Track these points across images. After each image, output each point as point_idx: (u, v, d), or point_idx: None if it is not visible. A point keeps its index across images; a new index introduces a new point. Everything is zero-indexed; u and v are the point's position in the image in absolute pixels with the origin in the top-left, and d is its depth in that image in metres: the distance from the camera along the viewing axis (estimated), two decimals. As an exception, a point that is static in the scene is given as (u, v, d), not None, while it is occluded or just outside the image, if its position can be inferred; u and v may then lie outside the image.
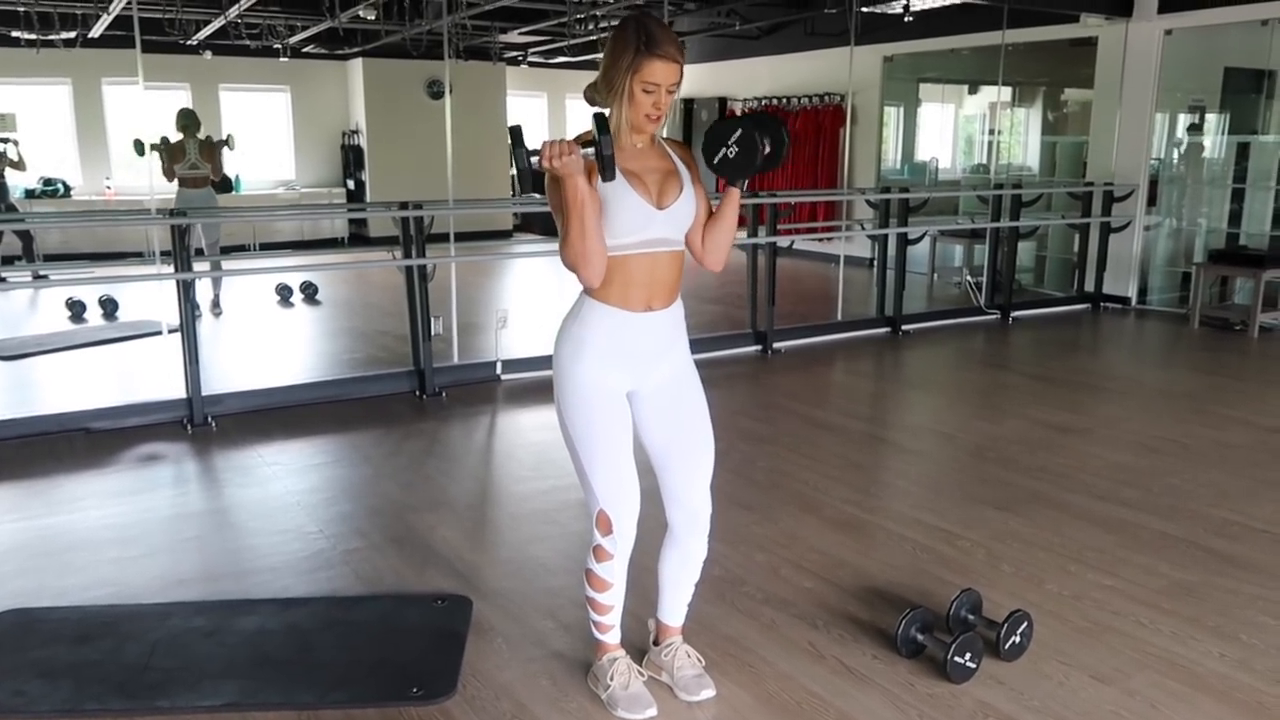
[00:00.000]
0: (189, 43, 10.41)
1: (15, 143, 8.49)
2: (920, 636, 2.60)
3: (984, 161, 10.52)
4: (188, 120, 7.52)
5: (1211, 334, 7.14)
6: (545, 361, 5.80)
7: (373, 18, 8.48)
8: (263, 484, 3.99)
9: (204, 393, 4.85)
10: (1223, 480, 4.03)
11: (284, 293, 8.37)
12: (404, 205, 5.33)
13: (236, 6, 8.31)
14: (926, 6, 8.88)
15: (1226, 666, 2.59)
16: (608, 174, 2.00)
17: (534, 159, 2.02)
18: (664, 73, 2.05)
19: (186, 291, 4.73)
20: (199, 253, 7.59)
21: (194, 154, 7.43)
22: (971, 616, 2.71)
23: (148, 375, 5.52)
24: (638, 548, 2.37)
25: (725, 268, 2.44)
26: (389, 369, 5.63)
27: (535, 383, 5.64)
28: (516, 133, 2.07)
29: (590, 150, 2.01)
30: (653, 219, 2.13)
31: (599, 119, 1.99)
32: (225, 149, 7.70)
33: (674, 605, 2.49)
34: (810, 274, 9.09)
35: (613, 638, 2.44)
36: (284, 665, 2.53)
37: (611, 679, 2.39)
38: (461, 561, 3.22)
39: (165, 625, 2.72)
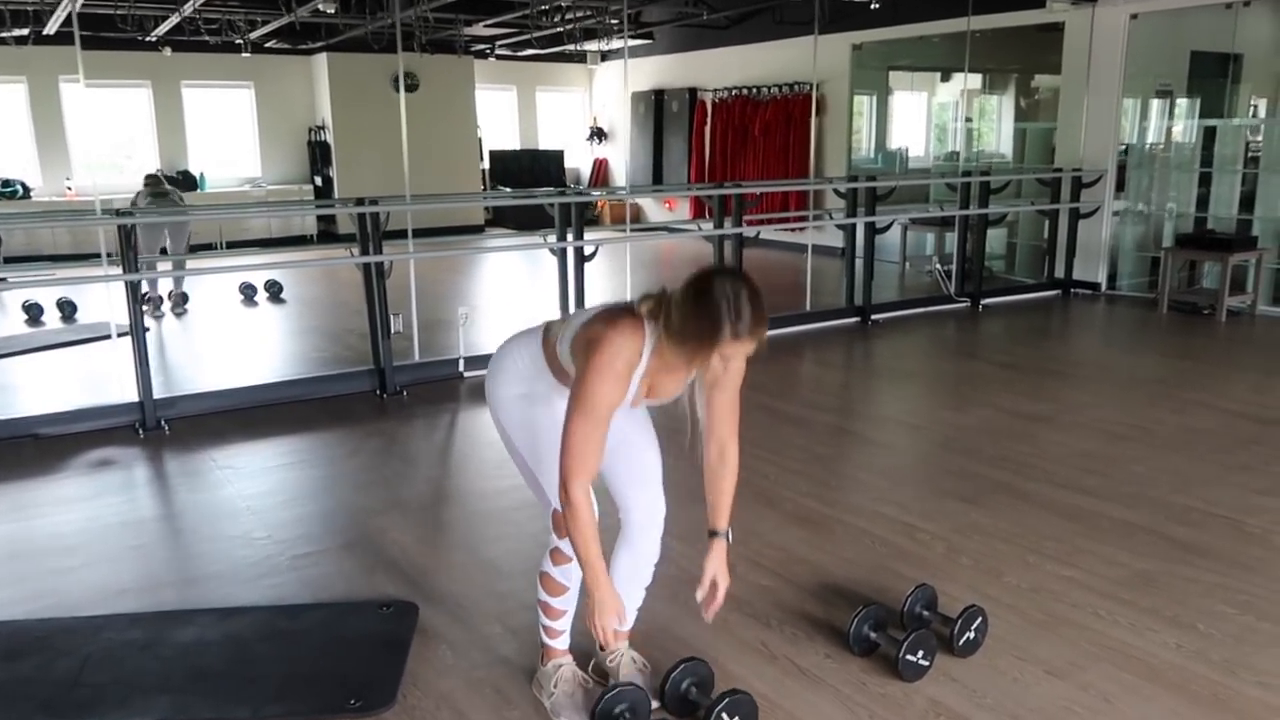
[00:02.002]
0: (148, 39, 10.24)
1: None
2: (873, 634, 2.55)
3: (956, 149, 10.50)
4: (154, 183, 7.82)
5: (1180, 319, 7.14)
6: (509, 358, 5.81)
7: (332, 11, 8.34)
8: (213, 489, 3.90)
9: (160, 395, 4.77)
10: (1186, 466, 4.01)
11: (248, 291, 8.25)
12: (359, 201, 5.23)
13: (191, 2, 8.15)
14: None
15: (1183, 657, 2.55)
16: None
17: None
18: (747, 349, 1.94)
19: (135, 293, 4.62)
20: (163, 251, 7.57)
21: (157, 183, 7.78)
22: (926, 612, 2.67)
23: (103, 378, 5.40)
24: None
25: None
26: (350, 368, 5.54)
27: (499, 379, 5.56)
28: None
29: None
30: (624, 407, 2.08)
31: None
32: None
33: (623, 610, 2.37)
34: (779, 264, 9.03)
35: (561, 643, 2.40)
36: (220, 678, 2.46)
37: (555, 685, 2.34)
38: (412, 565, 3.14)
39: (99, 638, 2.64)
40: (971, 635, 2.56)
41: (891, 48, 10.31)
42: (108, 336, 5.14)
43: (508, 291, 9.12)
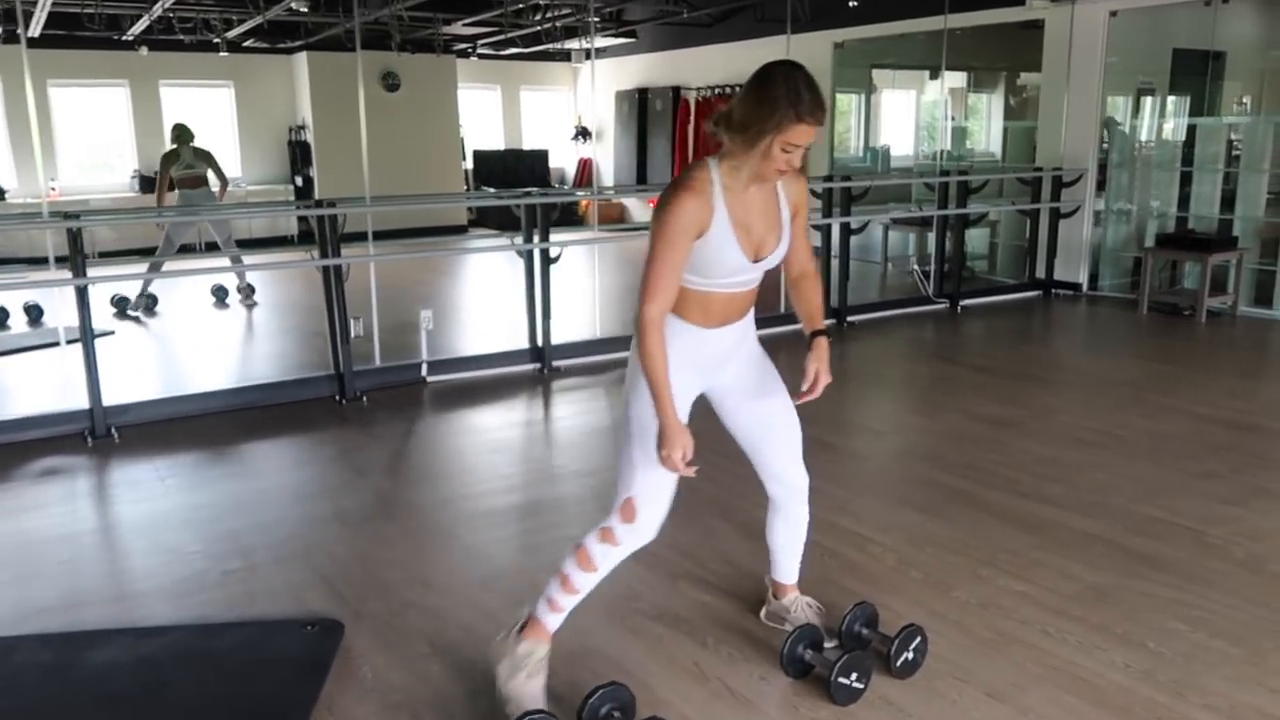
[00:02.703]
0: (124, 38, 10.13)
1: None
2: (808, 655, 2.45)
3: (942, 148, 10.41)
4: (181, 132, 7.78)
5: (1160, 320, 7.05)
6: (476, 362, 5.73)
7: (305, 9, 8.24)
8: (154, 499, 3.80)
9: (114, 402, 4.67)
10: (1151, 474, 3.92)
11: (219, 294, 8.14)
12: (318, 203, 5.13)
13: (162, 1, 8.04)
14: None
15: (1130, 678, 2.46)
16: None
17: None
18: (808, 135, 2.02)
19: (82, 298, 4.52)
20: (212, 246, 7.54)
21: (189, 157, 7.71)
22: (865, 631, 2.58)
23: (63, 384, 5.30)
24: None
25: None
26: (310, 373, 5.44)
27: (465, 384, 5.48)
28: None
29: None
30: (744, 268, 2.18)
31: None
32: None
33: (789, 565, 2.66)
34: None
35: (554, 625, 2.35)
36: (128, 703, 2.36)
37: (523, 669, 2.28)
38: (345, 581, 3.05)
39: (8, 661, 2.55)
40: (910, 655, 2.47)
41: (874, 46, 10.21)
42: (56, 344, 5.04)
43: (484, 293, 9.03)
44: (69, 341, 4.82)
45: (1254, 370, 5.79)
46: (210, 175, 7.85)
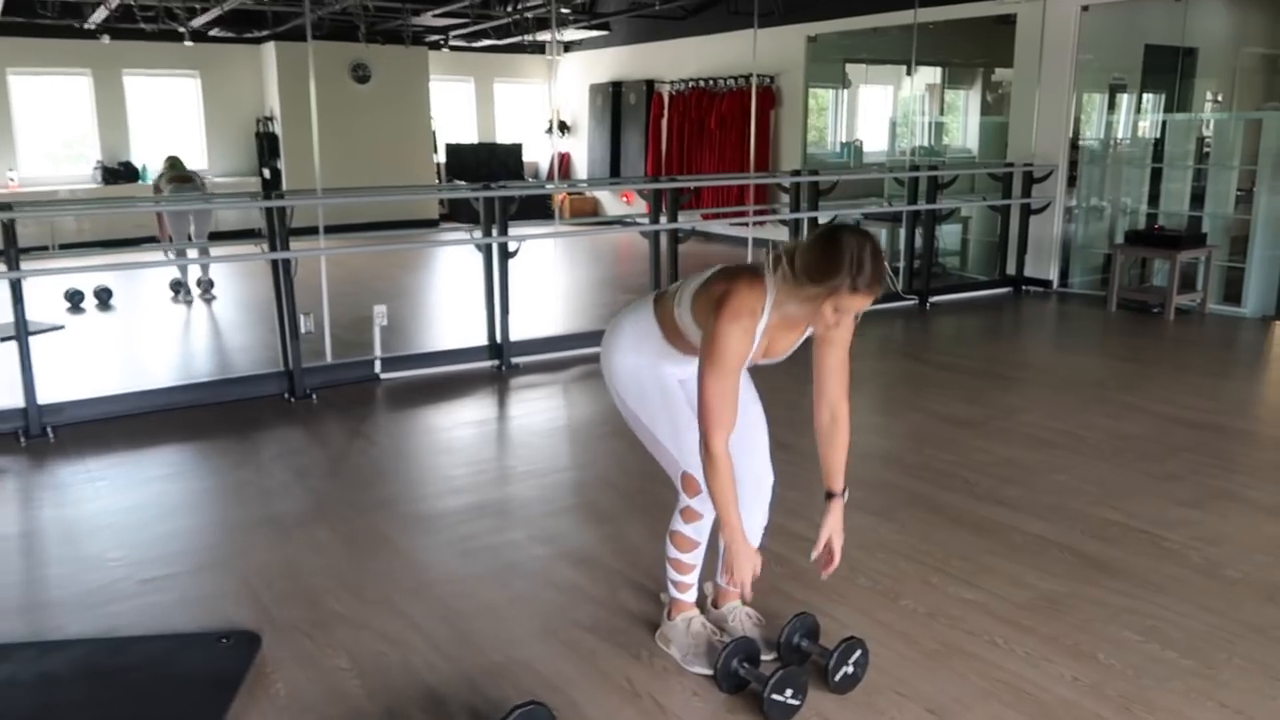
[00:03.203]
0: (86, 26, 9.91)
1: None
2: (743, 670, 2.35)
3: (914, 144, 10.34)
4: (175, 165, 7.92)
5: (1129, 317, 6.99)
6: (432, 359, 5.59)
7: (266, -2, 8.06)
8: (80, 503, 3.66)
9: (54, 399, 4.53)
10: (1111, 475, 3.83)
11: (176, 288, 7.94)
12: (266, 195, 4.98)
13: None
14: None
15: (1077, 693, 2.36)
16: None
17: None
18: (861, 304, 2.04)
19: (15, 292, 4.36)
20: (189, 239, 7.45)
21: (181, 166, 7.89)
22: (805, 643, 2.47)
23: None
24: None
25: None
26: (259, 371, 5.29)
27: (420, 382, 5.34)
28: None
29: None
30: (744, 365, 2.22)
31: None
32: None
33: None
34: (723, 259, 8.83)
35: (690, 596, 2.51)
36: (20, 724, 2.23)
37: (692, 638, 2.45)
38: (268, 590, 2.92)
39: (-102, 678, 2.40)
40: (849, 669, 2.36)
41: (848, 39, 10.11)
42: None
43: (450, 288, 8.88)
44: (2, 339, 4.65)
45: (1220, 369, 5.73)
46: (196, 180, 7.91)
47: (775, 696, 2.22)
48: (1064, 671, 2.45)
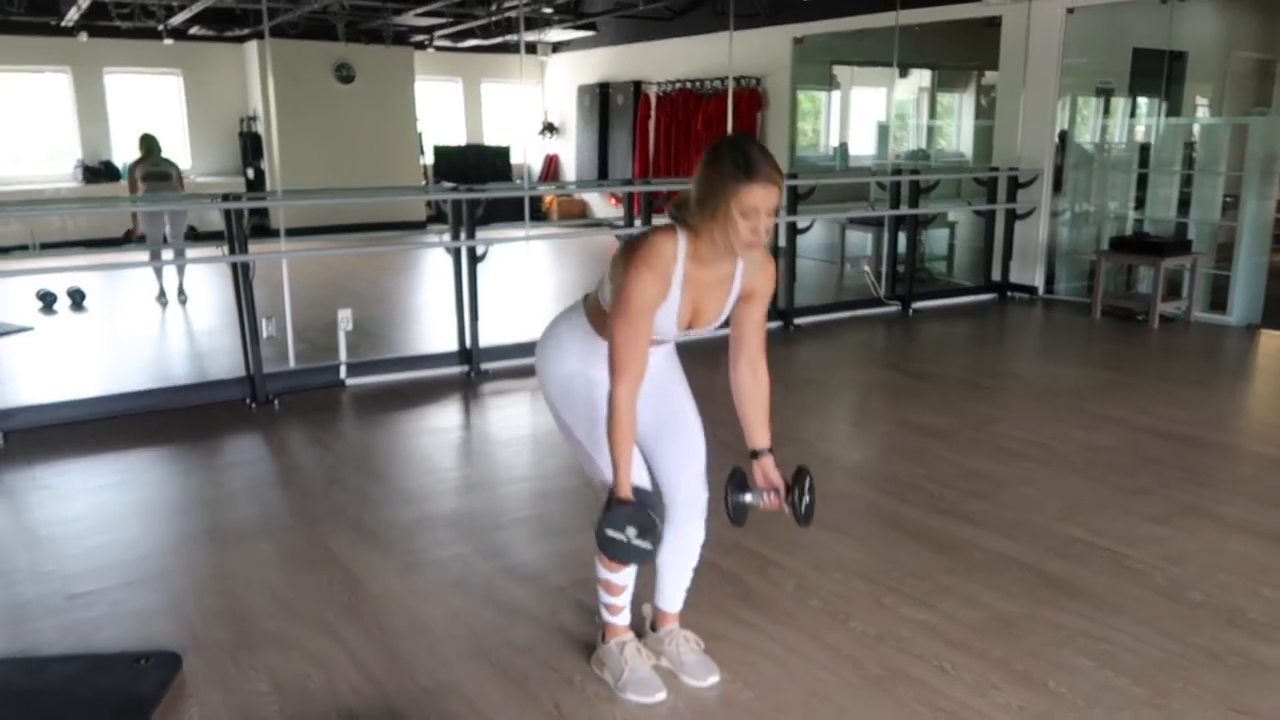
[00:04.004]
0: (63, 24, 9.81)
1: None
2: (746, 497, 2.29)
3: (897, 148, 10.25)
4: (150, 144, 7.86)
5: (1113, 325, 6.91)
6: (400, 364, 5.50)
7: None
8: (20, 512, 3.57)
9: (8, 404, 4.47)
10: (1079, 489, 3.74)
11: (162, 300, 7.80)
12: (225, 197, 4.89)
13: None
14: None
15: (1023, 722, 2.27)
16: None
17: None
18: (764, 197, 2.00)
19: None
20: (164, 241, 7.32)
21: (157, 157, 7.81)
22: (749, 495, 2.31)
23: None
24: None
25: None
26: (221, 376, 5.20)
27: (386, 388, 5.25)
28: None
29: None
30: (670, 334, 2.20)
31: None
32: None
33: (672, 592, 2.48)
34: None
35: (622, 620, 2.44)
36: (-83, 751, 2.13)
37: (625, 663, 2.38)
38: (198, 607, 2.82)
39: None
40: (808, 498, 2.32)
41: (835, 41, 10.02)
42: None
43: (428, 292, 8.79)
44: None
45: (1201, 378, 5.64)
46: (174, 177, 7.83)
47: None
48: (1010, 700, 2.36)
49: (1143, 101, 8.44)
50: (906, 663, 2.52)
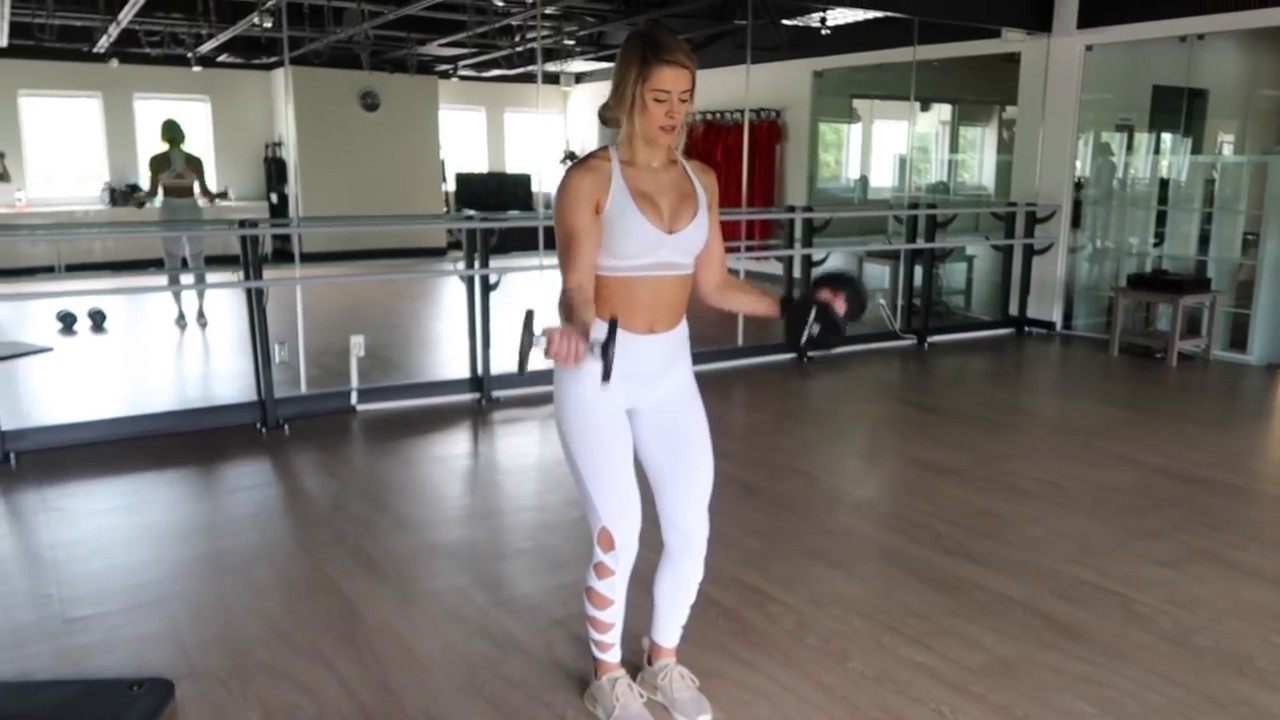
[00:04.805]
0: (95, 50, 10.01)
1: (1, 155, 8.08)
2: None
3: (932, 181, 10.26)
4: (173, 132, 7.67)
5: (1130, 362, 6.84)
6: (411, 391, 5.52)
7: (269, 25, 8.10)
8: (27, 534, 3.60)
9: (25, 424, 4.54)
10: (1089, 530, 3.69)
11: (181, 322, 7.88)
12: (241, 223, 4.96)
13: (128, 10, 7.88)
14: (844, 21, 8.62)
15: (1019, 770, 2.23)
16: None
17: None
18: (673, 79, 2.01)
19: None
20: (183, 262, 7.39)
21: (179, 165, 7.62)
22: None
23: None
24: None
25: None
26: (233, 400, 5.24)
27: (397, 414, 5.27)
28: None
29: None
30: (661, 243, 2.11)
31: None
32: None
33: (668, 626, 2.46)
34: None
35: (613, 656, 2.42)
36: (-93, 773, 2.14)
37: (616, 700, 2.35)
38: (195, 634, 2.83)
39: None
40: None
41: (855, 75, 10.06)
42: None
43: (444, 319, 8.83)
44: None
45: (1217, 418, 5.55)
46: (197, 186, 7.71)
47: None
48: (1009, 746, 2.32)
49: (1163, 138, 8.39)
50: (903, 706, 2.49)
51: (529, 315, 1.90)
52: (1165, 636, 2.87)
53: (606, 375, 1.85)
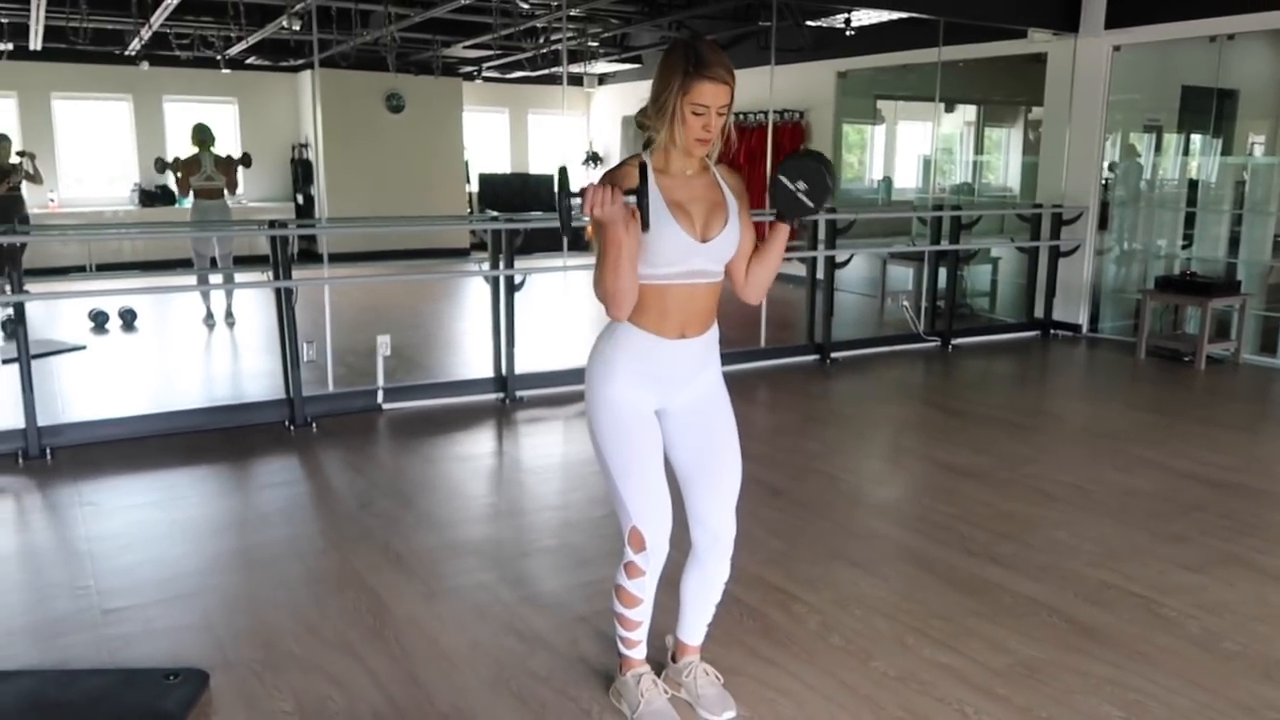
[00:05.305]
0: (126, 53, 10.15)
1: (32, 155, 8.24)
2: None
3: (956, 182, 10.21)
4: (203, 135, 7.81)
5: (1158, 365, 6.79)
6: (436, 390, 5.57)
7: (298, 28, 8.18)
8: (63, 527, 3.67)
9: (58, 420, 4.62)
10: (1113, 534, 3.67)
11: (208, 321, 7.99)
12: (271, 224, 5.02)
13: (159, 16, 8.00)
14: (869, 21, 8.60)
15: (1043, 771, 2.23)
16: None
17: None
18: (713, 94, 2.05)
19: (19, 315, 4.41)
20: (213, 262, 7.51)
21: (209, 167, 7.74)
22: None
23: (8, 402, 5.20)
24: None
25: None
26: (262, 398, 5.31)
27: (422, 413, 5.32)
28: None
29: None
30: (694, 251, 2.14)
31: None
32: (242, 166, 8.07)
33: (694, 625, 2.49)
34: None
35: (638, 653, 2.44)
36: (-49, 758, 2.20)
37: (642, 695, 2.38)
38: (228, 626, 2.88)
39: None
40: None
41: (880, 76, 10.04)
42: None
43: (468, 319, 8.89)
44: (4, 361, 4.71)
45: (1246, 422, 5.51)
46: (225, 185, 7.83)
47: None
48: (1033, 747, 2.33)
49: (1192, 139, 8.32)
50: (927, 706, 2.50)
51: (563, 171, 2.02)
52: (1192, 641, 2.86)
53: (645, 225, 1.96)
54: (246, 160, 8.11)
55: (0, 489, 4.10)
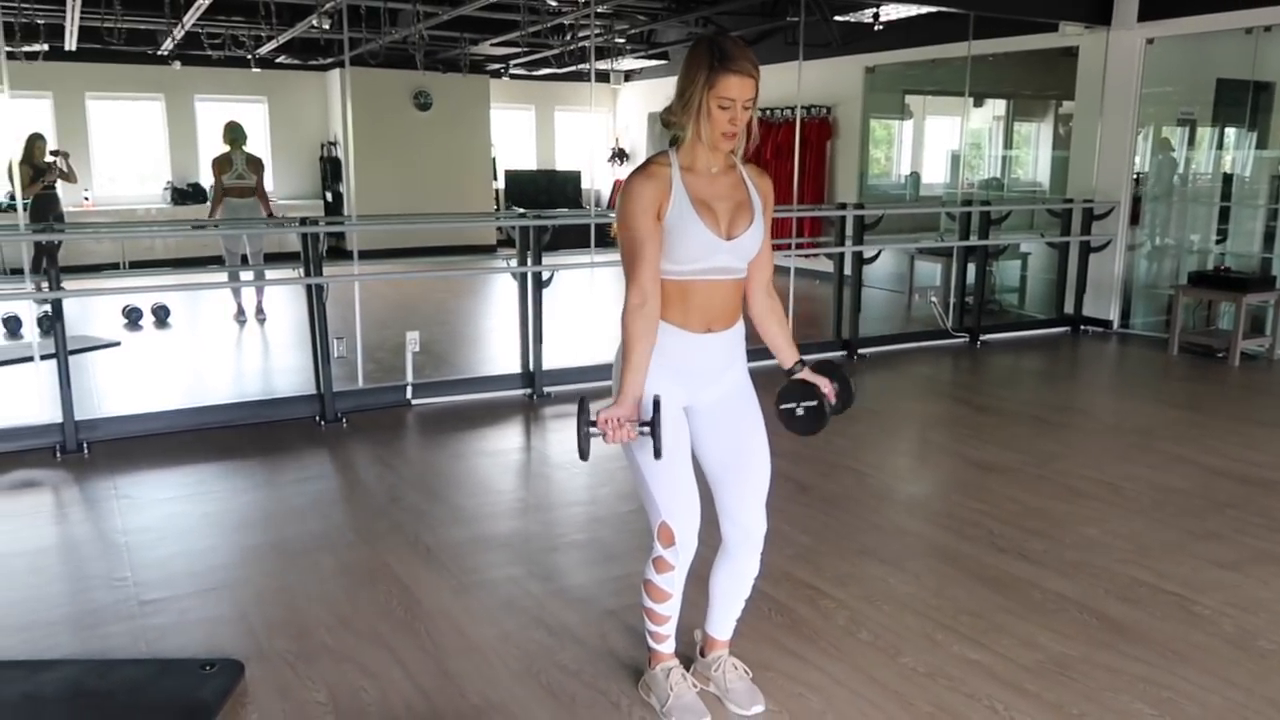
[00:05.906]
0: (159, 53, 10.29)
1: (66, 154, 8.39)
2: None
3: (986, 177, 10.12)
4: (235, 134, 7.92)
5: (1191, 361, 6.71)
6: (464, 385, 5.61)
7: (327, 27, 8.26)
8: (100, 520, 3.73)
9: (93, 415, 4.69)
10: (1145, 531, 3.64)
11: (240, 316, 8.08)
12: (302, 221, 5.07)
13: (191, 16, 8.11)
14: (897, 16, 8.55)
15: (1075, 768, 2.22)
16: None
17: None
18: (739, 88, 2.06)
19: (56, 311, 4.48)
20: (244, 260, 7.61)
21: (241, 165, 7.86)
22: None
23: (44, 398, 5.29)
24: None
25: None
26: (293, 393, 5.37)
27: (450, 409, 5.36)
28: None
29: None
30: (718, 249, 2.15)
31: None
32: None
33: (723, 619, 2.50)
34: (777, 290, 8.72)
35: (667, 647, 2.45)
36: (-4, 744, 2.25)
37: (671, 689, 2.39)
38: (262, 618, 2.92)
39: (-109, 691, 2.45)
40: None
41: (908, 70, 9.97)
42: (30, 359, 5.03)
43: (497, 315, 8.93)
44: (43, 357, 4.80)
45: (1278, 419, 5.44)
46: (257, 185, 7.92)
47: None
48: (1065, 744, 2.31)
49: (1226, 133, 8.20)
50: (956, 702, 2.49)
51: (583, 402, 2.12)
52: (1226, 639, 2.83)
53: (658, 454, 2.06)
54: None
55: (39, 482, 4.17)
